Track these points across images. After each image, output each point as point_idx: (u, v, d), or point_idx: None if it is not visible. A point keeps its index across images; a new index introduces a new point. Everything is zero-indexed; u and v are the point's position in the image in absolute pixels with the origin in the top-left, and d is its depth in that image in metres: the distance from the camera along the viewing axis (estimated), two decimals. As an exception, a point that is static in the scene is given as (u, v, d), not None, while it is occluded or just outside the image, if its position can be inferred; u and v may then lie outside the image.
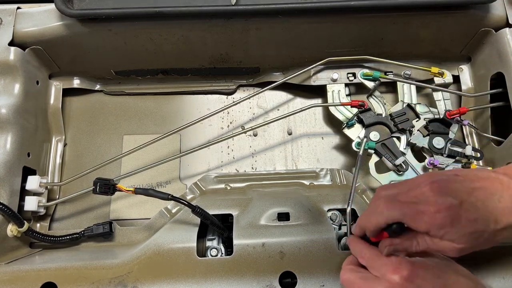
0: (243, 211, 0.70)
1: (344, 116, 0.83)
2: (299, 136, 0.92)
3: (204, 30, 0.79)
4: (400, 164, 0.79)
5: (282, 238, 0.66)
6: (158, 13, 0.73)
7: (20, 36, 0.77)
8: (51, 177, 0.84)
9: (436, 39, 0.84)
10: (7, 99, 0.74)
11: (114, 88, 0.93)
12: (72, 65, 0.87)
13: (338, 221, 0.71)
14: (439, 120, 0.81)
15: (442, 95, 0.85)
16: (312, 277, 0.62)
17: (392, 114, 0.82)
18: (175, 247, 0.65)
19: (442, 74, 0.84)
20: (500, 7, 0.79)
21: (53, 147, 0.86)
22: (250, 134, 0.92)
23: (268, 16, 0.76)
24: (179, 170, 0.88)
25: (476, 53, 0.87)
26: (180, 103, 0.94)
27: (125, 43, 0.81)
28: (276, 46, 0.84)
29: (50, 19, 0.77)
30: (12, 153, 0.73)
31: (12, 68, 0.76)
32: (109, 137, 0.90)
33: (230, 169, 0.89)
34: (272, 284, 0.62)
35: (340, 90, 0.87)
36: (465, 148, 0.79)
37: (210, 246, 0.72)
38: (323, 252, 0.64)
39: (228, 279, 0.63)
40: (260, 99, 0.94)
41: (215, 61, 0.88)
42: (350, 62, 0.86)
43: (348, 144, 0.85)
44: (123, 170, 0.86)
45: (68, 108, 0.92)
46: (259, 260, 0.64)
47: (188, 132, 0.90)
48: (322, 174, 0.81)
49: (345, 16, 0.78)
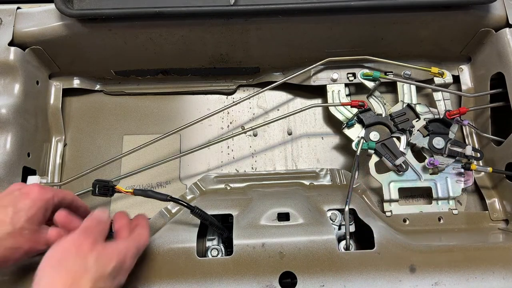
0: (243, 211, 0.70)
1: (344, 116, 0.83)
2: (299, 136, 0.92)
3: (204, 30, 0.79)
4: (400, 164, 0.79)
5: (282, 238, 0.66)
6: (158, 13, 0.73)
7: (20, 36, 0.77)
8: (51, 177, 0.84)
9: (436, 39, 0.84)
10: (7, 99, 0.74)
11: (114, 88, 0.93)
12: (72, 65, 0.87)
13: (338, 221, 0.71)
14: (439, 120, 0.81)
15: (442, 95, 0.85)
16: (312, 277, 0.62)
17: (392, 114, 0.82)
18: (175, 247, 0.65)
19: (442, 74, 0.84)
20: (500, 7, 0.79)
21: (53, 147, 0.86)
22: (250, 134, 0.92)
23: (268, 16, 0.76)
24: (179, 170, 0.88)
25: (476, 53, 0.87)
26: (180, 103, 0.94)
27: (125, 43, 0.81)
28: (276, 46, 0.84)
29: (50, 19, 0.77)
30: (12, 153, 0.73)
31: (12, 68, 0.76)
32: (109, 137, 0.90)
33: (230, 169, 0.89)
34: (272, 284, 0.62)
35: (340, 90, 0.87)
36: (465, 148, 0.79)
37: (210, 246, 0.72)
38: (323, 252, 0.64)
39: (228, 279, 0.63)
40: (260, 99, 0.94)
41: (215, 61, 0.88)
42: (350, 62, 0.87)
43: (348, 144, 0.85)
44: (123, 170, 0.86)
45: (68, 108, 0.92)
46: (259, 260, 0.64)
47: (188, 132, 0.90)
48: (322, 174, 0.81)
49: (345, 16, 0.78)
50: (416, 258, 0.64)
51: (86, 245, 0.52)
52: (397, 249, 0.65)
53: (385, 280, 0.62)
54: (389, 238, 0.66)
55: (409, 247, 0.66)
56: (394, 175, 0.80)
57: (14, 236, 0.54)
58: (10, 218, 0.54)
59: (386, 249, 0.65)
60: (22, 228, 0.55)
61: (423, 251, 0.65)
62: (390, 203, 0.80)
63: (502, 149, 0.79)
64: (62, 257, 0.50)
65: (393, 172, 0.80)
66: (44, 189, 0.59)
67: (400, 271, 0.63)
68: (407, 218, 0.79)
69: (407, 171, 0.80)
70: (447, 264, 0.63)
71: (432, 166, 0.78)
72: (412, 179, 0.80)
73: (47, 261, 0.50)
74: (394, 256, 0.64)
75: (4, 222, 0.54)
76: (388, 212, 0.79)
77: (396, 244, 0.66)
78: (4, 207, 0.55)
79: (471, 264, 0.63)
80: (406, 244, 0.66)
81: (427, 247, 0.66)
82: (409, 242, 0.67)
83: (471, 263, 0.63)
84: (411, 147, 0.82)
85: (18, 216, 0.55)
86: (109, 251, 0.54)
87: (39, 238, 0.57)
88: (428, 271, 0.63)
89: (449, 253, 0.65)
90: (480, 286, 0.62)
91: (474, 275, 0.63)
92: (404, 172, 0.80)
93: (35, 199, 0.57)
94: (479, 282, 0.62)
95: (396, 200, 0.79)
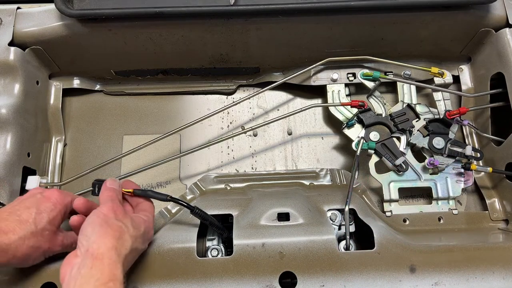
0: (243, 211, 0.70)
1: (344, 116, 0.83)
2: (299, 136, 0.92)
3: (204, 30, 0.79)
4: (400, 164, 0.79)
5: (282, 238, 0.66)
6: (158, 13, 0.73)
7: (20, 36, 0.77)
8: (51, 177, 0.84)
9: (436, 39, 0.84)
10: (7, 99, 0.74)
11: (114, 88, 0.93)
12: (72, 65, 0.87)
13: (338, 221, 0.71)
14: (439, 120, 0.81)
15: (442, 95, 0.85)
16: (312, 277, 0.62)
17: (392, 114, 0.82)
18: (175, 247, 0.65)
19: (442, 74, 0.84)
20: (500, 7, 0.79)
21: (53, 147, 0.86)
22: (250, 134, 0.92)
23: (268, 16, 0.76)
24: (179, 170, 0.88)
25: (476, 53, 0.87)
26: (180, 103, 0.93)
27: (125, 43, 0.81)
28: (276, 46, 0.84)
29: (50, 19, 0.77)
30: (12, 153, 0.73)
31: (12, 68, 0.76)
32: (109, 137, 0.90)
33: (230, 169, 0.89)
34: (272, 284, 0.62)
35: (340, 90, 0.87)
36: (465, 148, 0.79)
37: (210, 246, 0.72)
38: (323, 252, 0.64)
39: (228, 279, 0.63)
40: (260, 99, 0.94)
41: (215, 61, 0.88)
42: (350, 62, 0.87)
43: (348, 144, 0.85)
44: (123, 170, 0.86)
45: (68, 108, 0.92)
46: (259, 260, 0.64)
47: (188, 132, 0.90)
48: (322, 174, 0.81)
49: (345, 16, 0.78)
50: (416, 258, 0.64)
51: (120, 211, 0.59)
52: (397, 249, 0.65)
53: (385, 280, 0.62)
54: (389, 238, 0.66)
55: (409, 247, 0.66)
56: (394, 175, 0.80)
57: (36, 235, 0.58)
58: (33, 219, 0.58)
59: (386, 249, 0.65)
60: (43, 229, 0.59)
61: (423, 251, 0.65)
62: (390, 203, 0.80)
63: (502, 149, 0.79)
64: (104, 219, 0.56)
65: (393, 172, 0.80)
66: (63, 194, 0.64)
67: (400, 271, 0.63)
68: (407, 218, 0.79)
69: (407, 171, 0.80)
70: (447, 264, 0.63)
71: (432, 166, 0.78)
72: (412, 179, 0.80)
73: (91, 223, 0.55)
74: (394, 256, 0.64)
75: (27, 222, 0.58)
76: (388, 212, 0.79)
77: (396, 244, 0.66)
78: (27, 208, 0.59)
79: (471, 264, 0.63)
80: (406, 244, 0.66)
81: (427, 247, 0.66)
82: (409, 242, 0.67)
83: (471, 263, 0.63)
84: (411, 147, 0.82)
85: (41, 217, 0.59)
86: (138, 218, 0.61)
87: (56, 240, 0.61)
88: (428, 271, 0.63)
89: (449, 253, 0.65)
90: (480, 286, 0.62)
91: (474, 275, 0.63)
92: (404, 172, 0.80)
93: (55, 202, 0.62)
94: (479, 282, 0.62)
95: (396, 200, 0.79)
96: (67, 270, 0.52)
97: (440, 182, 0.80)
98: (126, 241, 0.55)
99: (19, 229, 0.56)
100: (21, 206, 0.59)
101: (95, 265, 0.50)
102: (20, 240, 0.56)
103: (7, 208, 0.60)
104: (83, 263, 0.50)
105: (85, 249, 0.52)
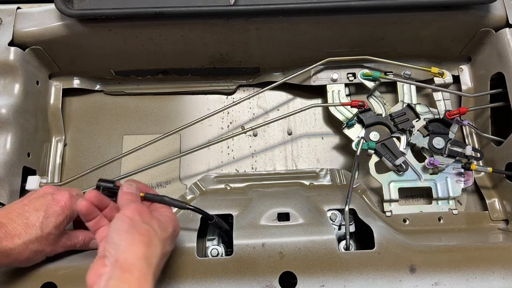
0: (243, 211, 0.70)
1: (344, 116, 0.83)
2: (299, 136, 0.92)
3: (204, 30, 0.79)
4: (400, 164, 0.79)
5: (282, 238, 0.66)
6: (158, 13, 0.73)
7: (20, 36, 0.77)
8: (51, 177, 0.84)
9: (436, 39, 0.84)
10: (7, 99, 0.74)
11: (114, 88, 0.93)
12: (72, 65, 0.87)
13: (338, 221, 0.71)
14: (439, 120, 0.81)
15: (442, 95, 0.85)
16: (312, 277, 0.62)
17: (392, 114, 0.82)
18: (175, 247, 0.65)
19: (442, 74, 0.84)
20: (500, 7, 0.79)
21: (53, 147, 0.86)
22: (250, 134, 0.92)
23: (268, 16, 0.76)
24: (179, 170, 0.88)
25: (476, 53, 0.87)
26: (180, 103, 0.93)
27: (125, 43, 0.81)
28: (276, 46, 0.84)
29: (50, 19, 0.77)
30: (12, 153, 0.73)
31: (12, 68, 0.76)
32: (109, 137, 0.90)
33: (230, 169, 0.89)
34: (272, 284, 0.62)
35: (340, 90, 0.87)
36: (465, 148, 0.79)
37: (210, 246, 0.72)
38: (323, 252, 0.64)
39: (228, 279, 0.63)
40: (260, 99, 0.94)
41: (215, 61, 0.88)
42: (350, 62, 0.87)
43: (348, 144, 0.85)
44: (123, 170, 0.86)
45: (68, 108, 0.92)
46: (259, 260, 0.64)
47: (188, 132, 0.90)
48: (322, 174, 0.81)
49: (345, 16, 0.78)
50: (416, 258, 0.64)
51: (145, 212, 0.55)
52: (397, 249, 0.65)
53: (385, 280, 0.62)
54: (389, 238, 0.66)
55: (409, 247, 0.66)
56: (394, 175, 0.80)
57: (41, 240, 0.58)
58: (40, 223, 0.58)
59: (386, 249, 0.65)
60: (49, 234, 0.59)
61: (423, 251, 0.65)
62: (390, 203, 0.80)
63: (502, 149, 0.79)
64: (131, 223, 0.53)
65: (393, 172, 0.80)
66: (73, 198, 0.63)
67: (400, 271, 0.63)
68: (407, 218, 0.79)
69: (407, 171, 0.80)
70: (447, 264, 0.63)
71: (432, 166, 0.78)
72: (412, 179, 0.80)
73: (117, 229, 0.52)
74: (394, 256, 0.64)
75: (34, 226, 0.57)
76: (388, 212, 0.79)
77: (396, 244, 0.66)
78: (36, 210, 0.59)
79: (471, 264, 0.63)
80: (406, 244, 0.66)
81: (427, 247, 0.66)
82: (409, 242, 0.67)
83: (471, 263, 0.63)
84: (411, 147, 0.82)
85: (48, 221, 0.59)
86: (164, 217, 0.58)
87: (59, 242, 0.61)
88: (428, 271, 0.63)
89: (449, 253, 0.65)
90: (480, 286, 0.62)
91: (474, 275, 0.63)
92: (404, 172, 0.80)
93: (64, 207, 0.61)
94: (479, 282, 0.62)
95: (396, 200, 0.79)
96: (95, 280, 0.49)
97: (440, 182, 0.80)
98: (156, 247, 0.52)
99: (25, 233, 0.56)
100: (31, 208, 0.59)
101: (124, 278, 0.47)
102: (24, 245, 0.56)
103: (17, 207, 0.59)
104: (112, 275, 0.48)
105: (114, 259, 0.49)
